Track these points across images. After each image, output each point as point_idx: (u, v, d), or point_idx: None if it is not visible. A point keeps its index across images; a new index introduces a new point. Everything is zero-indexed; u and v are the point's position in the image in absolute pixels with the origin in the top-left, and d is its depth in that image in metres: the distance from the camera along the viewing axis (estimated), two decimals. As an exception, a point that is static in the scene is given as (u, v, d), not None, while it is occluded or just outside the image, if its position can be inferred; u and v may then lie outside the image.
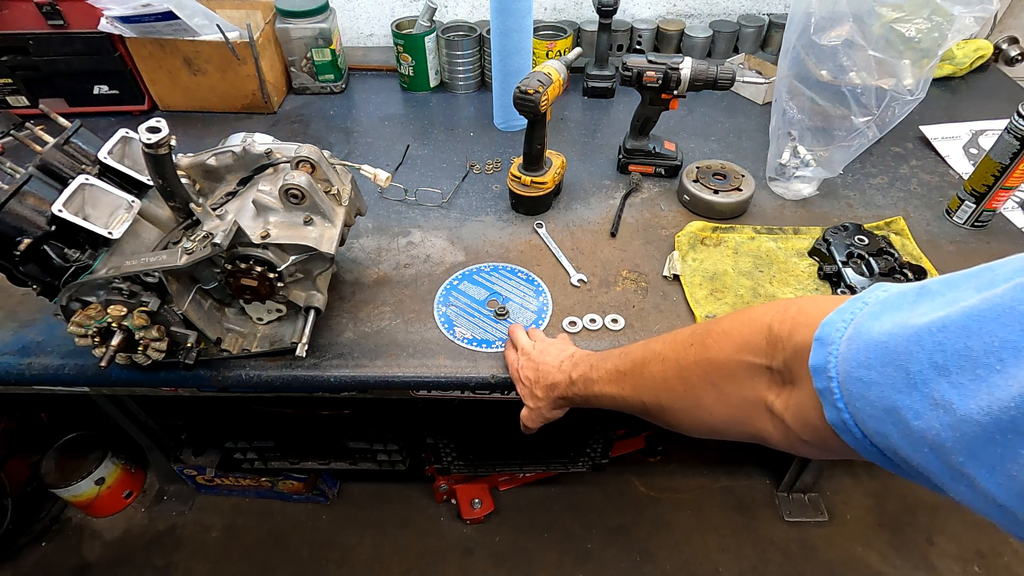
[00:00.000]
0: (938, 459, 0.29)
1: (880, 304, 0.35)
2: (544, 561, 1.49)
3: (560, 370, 0.69)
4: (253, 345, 0.82)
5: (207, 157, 0.82)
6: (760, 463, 1.67)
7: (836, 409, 0.35)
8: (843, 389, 0.34)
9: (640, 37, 1.49)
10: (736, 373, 0.45)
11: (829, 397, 0.35)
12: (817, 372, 0.36)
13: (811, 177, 1.08)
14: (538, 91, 0.91)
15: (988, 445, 0.27)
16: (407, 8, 1.52)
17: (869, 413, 0.33)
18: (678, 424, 0.54)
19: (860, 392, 0.33)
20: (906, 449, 0.31)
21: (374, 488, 1.63)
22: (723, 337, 0.47)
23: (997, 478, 0.27)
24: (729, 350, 0.45)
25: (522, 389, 0.75)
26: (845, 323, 0.35)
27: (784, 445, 0.43)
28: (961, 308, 0.29)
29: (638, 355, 0.58)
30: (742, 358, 0.44)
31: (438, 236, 1.04)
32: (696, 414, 0.50)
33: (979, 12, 0.87)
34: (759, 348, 0.42)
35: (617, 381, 0.59)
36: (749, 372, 0.44)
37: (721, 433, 0.50)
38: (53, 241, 0.67)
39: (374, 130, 1.31)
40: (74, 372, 0.83)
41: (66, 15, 1.19)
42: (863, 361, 0.33)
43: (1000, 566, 1.46)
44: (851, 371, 0.33)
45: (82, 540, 1.54)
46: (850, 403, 0.34)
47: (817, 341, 0.36)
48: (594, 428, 1.39)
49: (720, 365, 0.46)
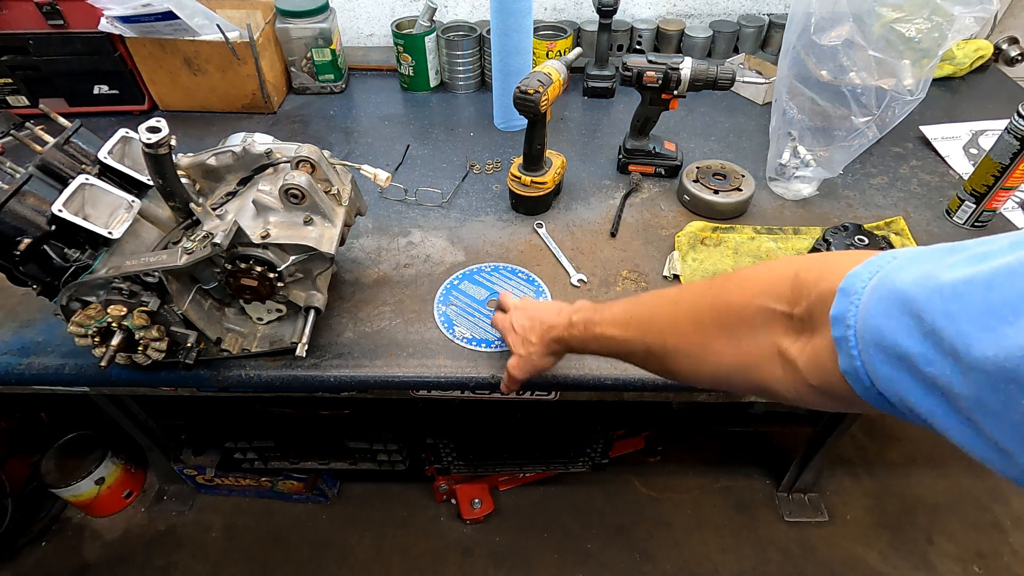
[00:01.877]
0: (946, 405, 0.30)
1: (909, 258, 0.35)
2: (544, 561, 1.49)
3: (559, 315, 0.68)
4: (253, 345, 0.82)
5: (207, 157, 0.82)
6: (760, 463, 1.67)
7: (850, 357, 0.35)
8: (859, 337, 0.35)
9: (640, 37, 1.49)
10: (753, 318, 0.44)
11: (845, 345, 0.36)
12: (836, 321, 0.36)
13: (811, 177, 1.08)
14: (538, 91, 0.91)
15: (993, 392, 0.28)
16: (407, 8, 1.52)
17: (881, 360, 0.33)
18: (679, 370, 0.53)
19: (875, 339, 0.33)
20: (915, 396, 0.32)
21: (374, 488, 1.63)
22: (744, 283, 0.47)
23: (1001, 424, 0.28)
24: (749, 295, 0.45)
25: (513, 338, 0.73)
26: (870, 274, 0.36)
27: (789, 392, 0.43)
28: (992, 265, 0.29)
29: (648, 300, 0.57)
30: (762, 303, 0.43)
31: (438, 236, 1.04)
32: (702, 358, 0.49)
33: (979, 12, 0.87)
34: (782, 294, 0.42)
35: (622, 324, 0.58)
36: (767, 318, 0.43)
37: (723, 380, 0.49)
38: (53, 241, 0.67)
39: (374, 130, 1.31)
40: (74, 372, 0.83)
41: (66, 15, 1.19)
42: (883, 310, 0.33)
43: (1000, 566, 1.46)
44: (869, 319, 0.34)
45: (82, 540, 1.54)
46: (863, 350, 0.34)
47: (841, 291, 0.37)
48: (594, 428, 1.39)
49: (738, 309, 0.46)
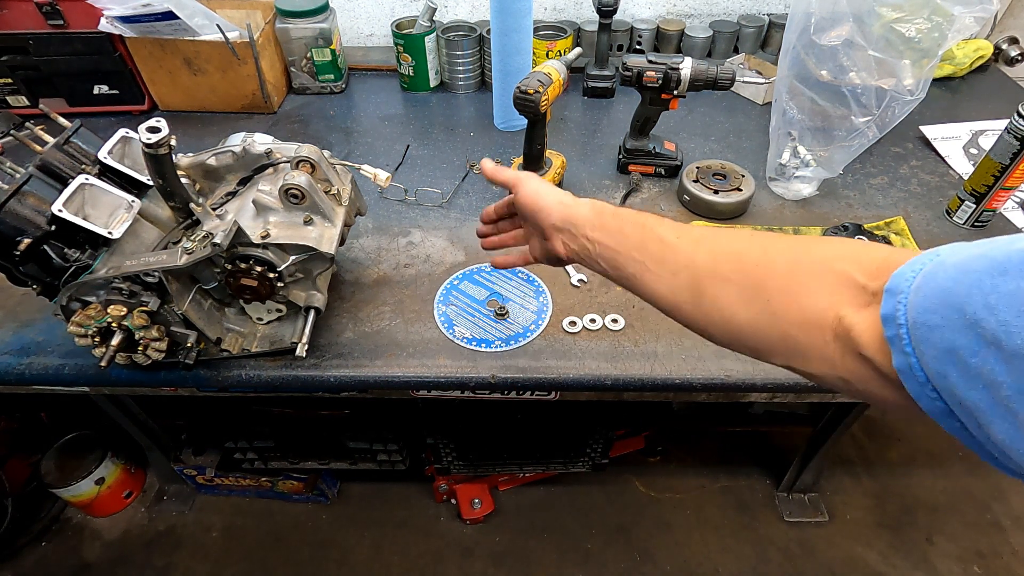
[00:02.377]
0: (990, 395, 0.31)
1: (950, 253, 0.36)
2: (544, 561, 1.49)
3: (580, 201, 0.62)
4: (253, 345, 0.82)
5: (207, 157, 0.82)
6: (760, 463, 1.67)
7: (904, 354, 0.36)
8: (911, 334, 0.35)
9: (640, 37, 1.49)
10: (826, 274, 0.43)
11: (898, 343, 0.36)
12: (887, 321, 0.37)
13: (811, 177, 1.08)
14: (538, 91, 0.91)
15: None
16: (407, 8, 1.52)
17: (932, 355, 0.34)
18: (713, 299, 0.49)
19: (925, 336, 0.34)
20: (962, 387, 0.32)
21: (374, 488, 1.63)
22: (832, 241, 0.46)
23: None
24: (833, 253, 0.44)
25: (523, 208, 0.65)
26: (915, 273, 0.37)
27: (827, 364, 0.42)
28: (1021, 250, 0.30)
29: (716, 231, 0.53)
30: (843, 267, 0.42)
31: (438, 236, 1.04)
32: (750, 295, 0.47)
33: (979, 12, 0.87)
34: (866, 266, 0.42)
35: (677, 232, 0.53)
36: (841, 281, 0.42)
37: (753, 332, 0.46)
38: (53, 241, 0.67)
39: (374, 130, 1.31)
40: (74, 372, 0.83)
41: (66, 15, 1.19)
42: (928, 307, 0.34)
43: (1000, 566, 1.46)
44: (918, 316, 0.35)
45: (82, 540, 1.54)
46: (916, 347, 0.35)
47: (887, 292, 0.37)
48: (594, 428, 1.39)
49: (814, 260, 0.44)
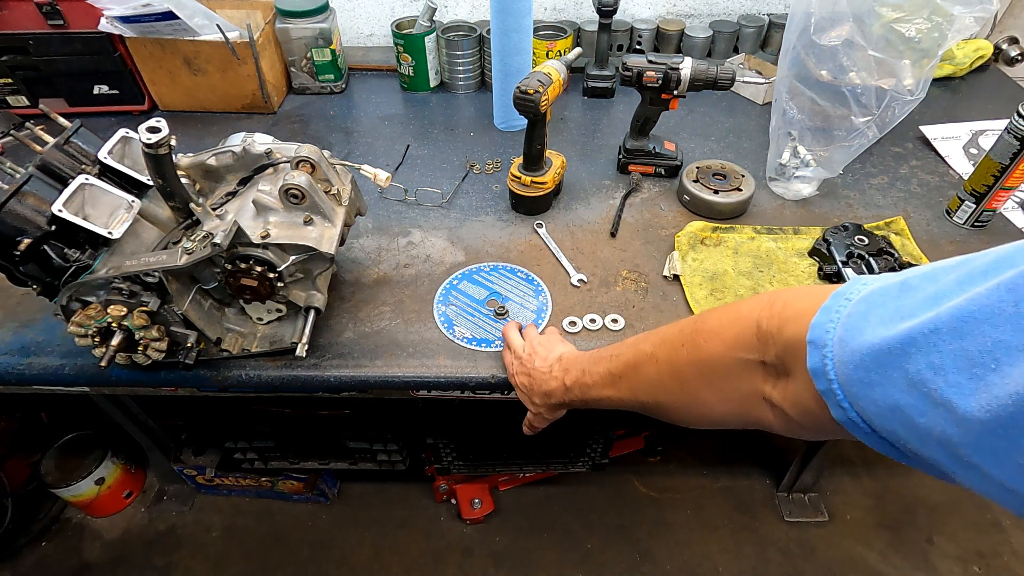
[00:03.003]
0: (946, 452, 0.30)
1: (864, 302, 0.35)
2: (544, 561, 1.49)
3: (552, 376, 0.70)
4: (253, 345, 0.82)
5: (207, 157, 0.82)
6: (760, 463, 1.67)
7: (842, 409, 0.35)
8: (845, 391, 0.35)
9: (640, 37, 1.49)
10: (731, 370, 0.45)
11: (832, 398, 0.36)
12: (816, 375, 0.37)
13: (811, 177, 1.08)
14: (538, 91, 0.91)
15: (992, 439, 0.28)
16: (407, 8, 1.52)
17: (875, 412, 0.33)
18: (680, 419, 0.55)
19: (863, 393, 0.34)
20: (914, 443, 0.32)
21: (374, 488, 1.63)
22: (713, 337, 0.47)
23: (1004, 467, 0.28)
24: (721, 349, 0.46)
25: (520, 395, 0.75)
26: (833, 323, 0.36)
27: (787, 431, 0.44)
28: (949, 309, 0.29)
29: (629, 357, 0.58)
30: (735, 355, 0.45)
31: (438, 236, 1.04)
32: (697, 410, 0.51)
33: (979, 12, 0.87)
34: (750, 344, 0.43)
35: (613, 384, 0.60)
36: (743, 368, 0.44)
37: (723, 424, 0.51)
38: (53, 241, 0.67)
39: (374, 130, 1.31)
40: (74, 372, 0.83)
41: (66, 15, 1.19)
42: (859, 363, 0.33)
43: (1000, 566, 1.46)
44: (850, 373, 0.34)
45: (82, 540, 1.54)
46: (855, 403, 0.35)
47: (811, 344, 0.37)
48: (594, 428, 1.39)
49: (714, 364, 0.47)
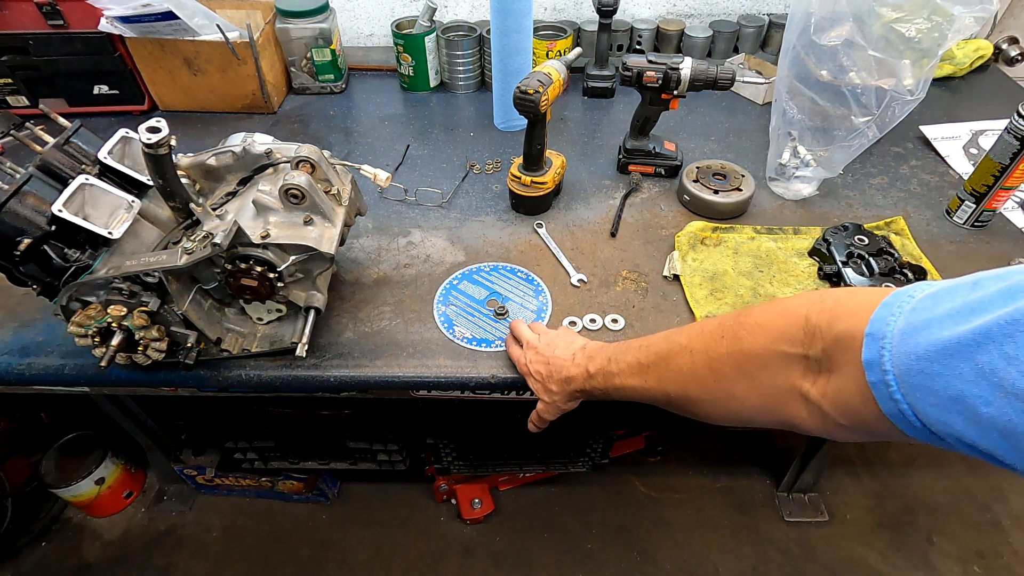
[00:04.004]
0: (1008, 443, 0.31)
1: (931, 298, 0.36)
2: (544, 561, 1.49)
3: (574, 363, 0.69)
4: (253, 345, 0.82)
5: (207, 157, 0.82)
6: (760, 463, 1.67)
7: (893, 401, 0.36)
8: (900, 381, 0.35)
9: (640, 37, 1.49)
10: (771, 363, 0.46)
11: (884, 390, 0.36)
12: (870, 366, 0.37)
13: (811, 177, 1.08)
14: (538, 91, 0.91)
15: None
16: (407, 8, 1.52)
17: (932, 403, 0.34)
18: (705, 414, 0.54)
19: (923, 383, 0.34)
20: (973, 435, 0.32)
21: (374, 488, 1.63)
22: (757, 329, 0.47)
23: None
24: (764, 341, 0.46)
25: (534, 384, 0.74)
26: (894, 317, 0.37)
27: (819, 429, 0.44)
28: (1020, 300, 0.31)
29: (662, 347, 0.58)
30: (778, 348, 0.45)
31: (438, 236, 1.04)
32: (726, 404, 0.51)
33: (979, 12, 0.87)
34: (796, 338, 0.43)
35: (640, 374, 0.59)
36: (784, 361, 0.44)
37: (750, 421, 0.51)
38: (53, 241, 0.67)
39: (374, 130, 1.31)
40: (74, 372, 0.83)
41: (66, 15, 1.19)
42: (922, 355, 0.34)
43: (1000, 566, 1.46)
44: (910, 364, 0.35)
45: (82, 540, 1.54)
46: (908, 394, 0.35)
47: (868, 336, 0.37)
48: (594, 428, 1.39)
49: (754, 356, 0.47)
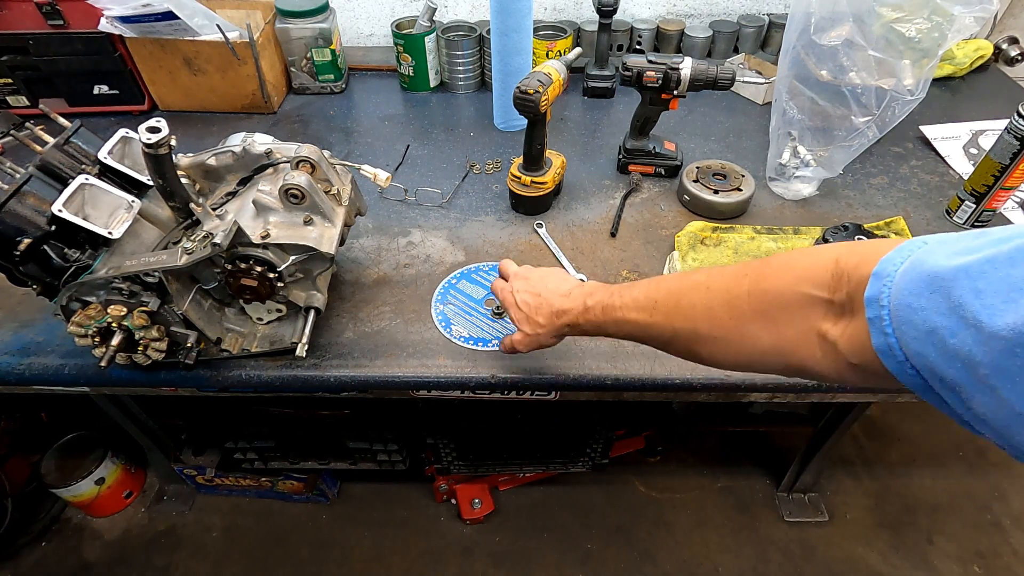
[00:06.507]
0: (968, 372, 0.33)
1: (939, 242, 0.37)
2: (544, 561, 1.49)
3: (570, 297, 0.67)
4: (253, 345, 0.82)
5: (207, 157, 0.82)
6: (760, 463, 1.67)
7: (884, 335, 0.37)
8: (892, 315, 0.37)
9: (640, 37, 1.49)
10: (792, 303, 0.46)
11: (879, 324, 0.38)
12: (870, 302, 0.38)
13: (811, 177, 1.08)
14: (538, 91, 0.91)
15: (1010, 358, 0.30)
16: (407, 8, 1.52)
17: (912, 336, 0.36)
18: (710, 354, 0.53)
19: (907, 317, 0.36)
20: (941, 365, 0.34)
21: (374, 488, 1.63)
22: (783, 269, 0.48)
23: (1016, 387, 0.31)
24: (789, 280, 0.46)
25: (517, 313, 0.72)
26: (903, 259, 0.38)
27: (830, 370, 0.45)
28: (1015, 244, 0.32)
29: (674, 284, 0.57)
30: (802, 289, 0.45)
31: (438, 236, 1.04)
32: (738, 344, 0.50)
33: (979, 12, 0.87)
34: (822, 281, 0.44)
35: (646, 308, 0.58)
36: (807, 303, 0.45)
37: (757, 364, 0.50)
38: (53, 241, 0.67)
39: (374, 130, 1.31)
40: (74, 372, 0.83)
41: (66, 15, 1.19)
42: (913, 290, 0.36)
43: (1000, 566, 1.46)
44: (901, 299, 0.36)
45: (82, 540, 1.54)
46: (897, 328, 0.37)
47: (874, 275, 0.39)
48: (594, 428, 1.39)
49: (777, 295, 0.47)
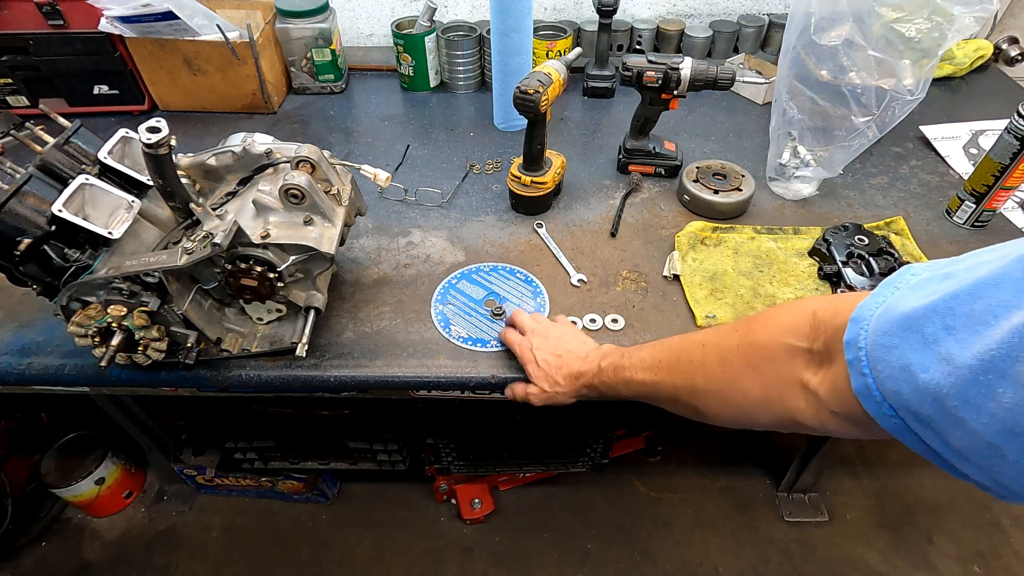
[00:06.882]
0: (939, 407, 0.34)
1: (909, 288, 0.39)
2: (544, 561, 1.49)
3: (587, 360, 0.70)
4: (253, 345, 0.82)
5: (207, 157, 0.82)
6: (760, 463, 1.67)
7: (862, 375, 0.39)
8: (869, 355, 0.39)
9: (640, 37, 1.49)
10: (777, 354, 0.48)
11: (857, 366, 0.40)
12: (849, 345, 0.40)
13: (811, 177, 1.08)
14: (538, 91, 0.91)
15: (975, 387, 0.32)
16: (407, 8, 1.52)
17: (887, 374, 0.37)
18: (707, 408, 0.56)
19: (882, 356, 0.38)
20: (915, 402, 0.35)
21: (374, 488, 1.63)
22: (768, 322, 0.51)
23: (982, 417, 0.32)
24: (773, 332, 0.49)
25: (535, 371, 0.74)
26: (877, 304, 0.40)
27: (814, 420, 0.46)
28: (972, 278, 0.34)
29: (676, 344, 0.61)
30: (784, 340, 0.48)
31: (438, 236, 1.04)
32: (730, 395, 0.53)
33: (979, 12, 0.87)
34: (802, 331, 0.46)
35: (652, 368, 0.61)
36: (789, 353, 0.47)
37: (749, 414, 0.53)
38: (53, 241, 0.67)
39: (374, 130, 1.31)
40: (74, 372, 0.83)
41: (66, 15, 1.19)
42: (887, 330, 0.38)
43: (1000, 566, 1.46)
44: (877, 339, 0.38)
45: (82, 540, 1.54)
46: (873, 367, 0.38)
47: (852, 320, 0.41)
48: (594, 428, 1.39)
49: (763, 347, 0.50)
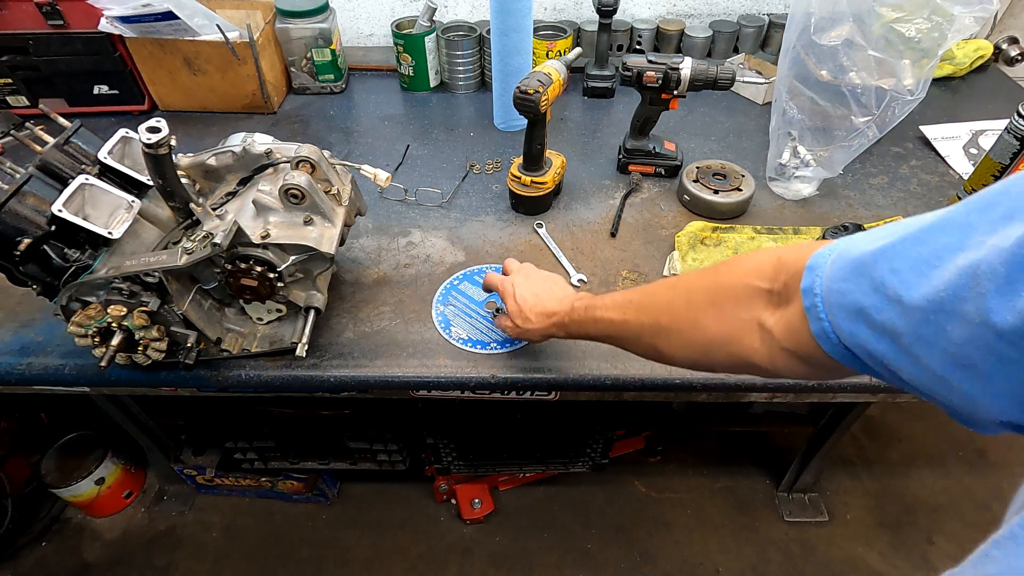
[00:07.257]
0: (894, 345, 0.36)
1: (861, 235, 0.41)
2: (544, 561, 1.49)
3: (562, 301, 0.73)
4: (253, 345, 0.82)
5: (207, 157, 0.82)
6: (760, 463, 1.67)
7: (819, 320, 0.41)
8: (824, 301, 0.41)
9: (640, 37, 1.49)
10: (739, 294, 0.50)
11: (814, 312, 0.41)
12: (806, 292, 0.42)
13: (811, 177, 1.08)
14: (538, 91, 0.91)
15: (926, 325, 0.33)
16: (407, 8, 1.52)
17: (843, 317, 0.39)
18: (668, 347, 0.58)
19: (837, 301, 0.39)
20: (871, 342, 0.37)
21: (374, 488, 1.63)
22: (735, 264, 0.53)
23: (934, 353, 0.34)
24: (738, 273, 0.51)
25: (512, 306, 0.77)
26: (831, 251, 0.42)
27: (765, 360, 0.49)
28: (919, 224, 0.36)
29: (649, 287, 0.63)
30: (748, 281, 0.50)
31: (438, 236, 1.04)
32: (691, 334, 0.55)
33: (979, 12, 0.87)
34: (765, 273, 0.48)
35: (622, 307, 0.63)
36: (751, 293, 0.49)
37: (707, 355, 0.55)
38: (53, 241, 0.67)
39: (374, 130, 1.31)
40: (74, 372, 0.83)
41: (66, 15, 1.19)
42: (841, 276, 0.39)
43: (1000, 566, 1.46)
44: (831, 285, 0.40)
45: (82, 540, 1.54)
46: (829, 312, 0.40)
47: (808, 268, 0.43)
48: (594, 428, 1.39)
49: (727, 287, 0.52)
